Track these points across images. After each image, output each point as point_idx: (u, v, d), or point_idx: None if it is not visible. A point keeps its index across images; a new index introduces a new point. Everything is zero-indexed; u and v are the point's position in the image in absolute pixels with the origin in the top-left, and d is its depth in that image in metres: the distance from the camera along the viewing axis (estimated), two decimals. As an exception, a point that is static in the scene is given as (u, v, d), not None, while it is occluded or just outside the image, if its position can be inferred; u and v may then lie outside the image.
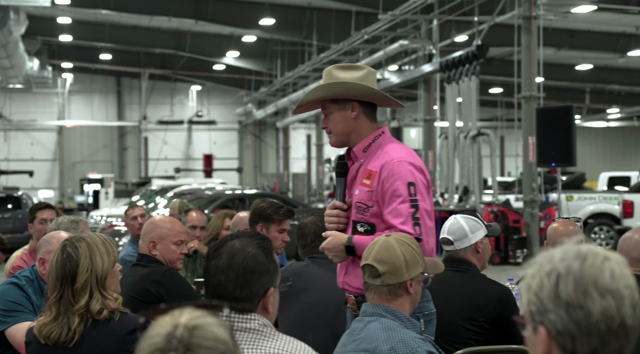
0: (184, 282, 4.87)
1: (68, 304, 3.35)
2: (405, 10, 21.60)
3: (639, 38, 28.85)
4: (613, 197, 20.03)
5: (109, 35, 32.30)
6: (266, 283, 2.71)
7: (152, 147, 44.05)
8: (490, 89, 37.72)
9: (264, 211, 5.51)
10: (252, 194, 20.50)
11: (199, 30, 32.47)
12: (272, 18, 27.79)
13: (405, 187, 3.75)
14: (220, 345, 1.60)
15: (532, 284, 1.70)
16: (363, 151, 3.95)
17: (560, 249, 1.71)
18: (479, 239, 4.43)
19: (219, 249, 2.75)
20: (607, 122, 44.45)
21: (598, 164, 44.73)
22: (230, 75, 39.77)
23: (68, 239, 3.47)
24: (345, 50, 27.26)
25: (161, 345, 1.58)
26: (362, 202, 3.87)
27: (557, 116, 12.45)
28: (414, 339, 3.04)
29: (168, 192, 23.35)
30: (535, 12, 17.52)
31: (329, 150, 39.27)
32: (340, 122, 3.94)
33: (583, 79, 36.63)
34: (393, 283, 3.14)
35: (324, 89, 3.90)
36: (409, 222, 3.70)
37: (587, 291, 1.63)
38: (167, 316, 1.64)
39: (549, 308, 1.66)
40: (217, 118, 44.89)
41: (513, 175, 36.46)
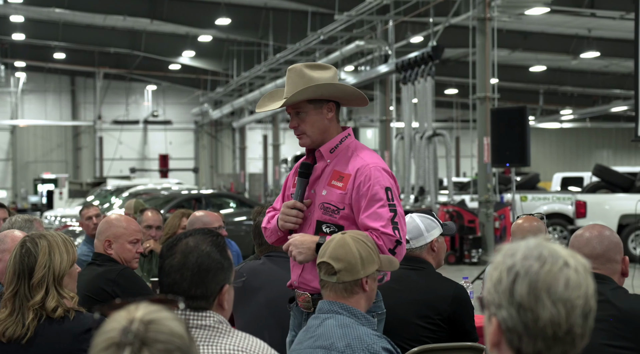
0: (140, 281, 4.86)
1: (23, 299, 3.34)
2: (361, 11, 21.68)
3: (591, 40, 29.23)
4: (566, 197, 20.23)
5: (63, 34, 32.02)
6: (221, 280, 2.71)
7: (107, 147, 43.72)
8: (446, 90, 37.99)
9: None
10: (208, 194, 20.46)
11: (154, 30, 32.31)
12: (228, 18, 27.73)
13: (383, 191, 3.79)
14: (176, 339, 1.61)
15: (493, 275, 1.73)
16: (330, 151, 3.97)
17: (525, 245, 1.74)
18: (435, 238, 4.48)
19: (172, 248, 2.74)
20: (561, 124, 44.94)
21: (551, 165, 45.22)
22: (186, 75, 39.61)
23: (29, 235, 3.48)
24: (302, 51, 27.28)
25: (117, 339, 1.58)
26: (331, 204, 3.88)
27: (511, 116, 12.56)
28: (370, 336, 3.07)
29: (123, 193, 23.20)
30: (490, 13, 17.68)
31: (286, 150, 39.27)
32: (316, 122, 3.96)
33: (537, 81, 37.01)
34: (349, 280, 3.16)
35: (313, 90, 3.89)
36: (389, 225, 3.73)
37: (539, 296, 1.67)
38: (123, 311, 1.64)
39: (502, 304, 1.69)
40: (172, 118, 44.67)
41: (468, 175, 36.72)
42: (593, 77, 35.97)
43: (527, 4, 20.92)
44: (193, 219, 6.13)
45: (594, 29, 27.94)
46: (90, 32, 33.14)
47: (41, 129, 43.02)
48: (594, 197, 19.68)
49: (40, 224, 5.56)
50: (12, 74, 40.99)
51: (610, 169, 21.68)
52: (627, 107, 37.72)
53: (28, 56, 37.92)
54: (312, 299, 3.85)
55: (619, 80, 36.20)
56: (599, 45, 29.65)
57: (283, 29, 28.17)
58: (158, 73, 39.81)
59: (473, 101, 18.18)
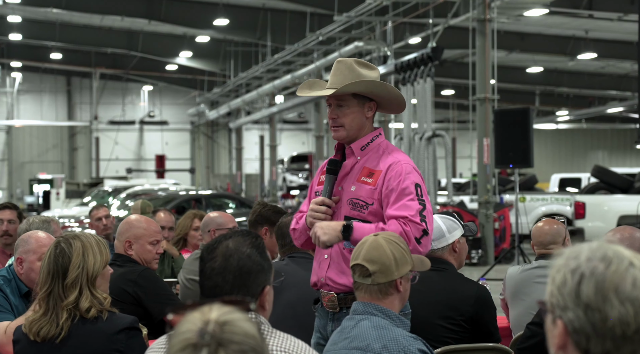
0: (161, 281, 4.88)
1: (57, 299, 3.37)
2: (360, 12, 21.71)
3: (588, 41, 29.31)
4: (565, 198, 20.27)
5: (60, 34, 31.97)
6: (262, 281, 2.74)
7: (103, 148, 43.67)
8: (443, 91, 38.03)
9: (266, 214, 5.53)
10: (207, 194, 20.45)
11: (151, 30, 32.30)
12: (226, 18, 27.73)
13: (413, 187, 3.84)
14: (249, 340, 1.63)
15: (556, 277, 1.74)
16: (361, 149, 4.01)
17: (588, 247, 1.75)
18: (456, 239, 4.51)
19: (213, 251, 2.75)
20: (556, 125, 45.03)
21: (547, 166, 45.29)
22: (182, 76, 39.61)
23: (63, 236, 3.50)
24: (300, 52, 27.31)
25: (194, 341, 1.60)
26: (360, 199, 3.92)
27: (515, 118, 12.62)
28: (406, 338, 3.09)
29: (121, 193, 23.18)
30: (490, 14, 17.71)
31: (282, 151, 39.30)
32: (356, 117, 3.99)
33: (533, 82, 37.09)
34: (383, 282, 3.18)
35: (365, 85, 3.94)
36: (417, 216, 3.77)
37: (607, 296, 1.67)
38: (196, 312, 1.66)
39: (568, 305, 1.71)
40: (169, 118, 44.65)
41: (465, 176, 36.75)
42: (589, 79, 36.06)
43: (527, 5, 20.98)
44: (207, 220, 6.14)
45: (591, 31, 28.01)
46: (87, 33, 33.11)
47: (37, 129, 42.97)
48: (592, 198, 19.72)
49: (57, 225, 5.58)
50: (8, 74, 40.96)
51: (609, 170, 21.74)
52: (623, 109, 37.84)
53: (24, 56, 37.89)
54: (338, 299, 3.88)
55: (615, 81, 36.31)
56: (596, 46, 29.74)
57: (281, 29, 28.19)
58: (155, 73, 39.80)
59: (473, 102, 18.21)
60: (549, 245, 4.93)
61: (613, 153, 48.64)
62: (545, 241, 4.94)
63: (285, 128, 44.62)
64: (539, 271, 4.89)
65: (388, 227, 3.74)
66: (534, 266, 4.94)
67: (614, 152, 48.76)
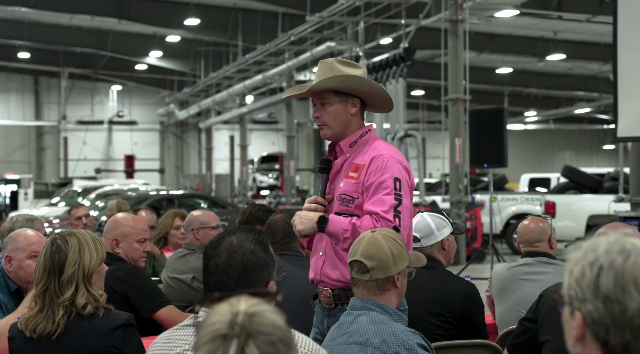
0: (148, 279, 4.88)
1: (54, 295, 3.37)
2: (333, 12, 21.74)
3: (557, 42, 29.54)
4: (535, 198, 20.43)
5: (28, 33, 31.71)
6: (266, 277, 2.76)
7: (71, 148, 43.37)
8: (412, 91, 38.16)
9: (257, 214, 5.55)
10: (179, 194, 20.37)
11: (121, 30, 32.13)
12: (196, 18, 27.66)
13: (392, 181, 3.84)
14: (277, 331, 1.65)
15: (574, 270, 1.77)
16: (350, 146, 4.03)
17: (606, 240, 1.78)
18: (445, 237, 4.54)
19: (217, 248, 2.77)
20: (525, 125, 45.34)
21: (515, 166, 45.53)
22: (152, 76, 39.42)
23: (59, 233, 3.49)
24: (271, 52, 27.30)
25: (224, 332, 1.62)
26: (347, 194, 3.94)
27: (489, 118, 12.71)
28: (405, 332, 3.12)
29: (91, 194, 23.05)
30: (462, 15, 17.81)
31: (252, 151, 39.24)
32: (339, 114, 4.01)
33: (502, 83, 37.33)
34: (381, 278, 3.21)
35: (340, 80, 3.95)
36: (390, 212, 3.78)
37: (626, 287, 1.70)
38: (224, 304, 1.68)
39: (587, 297, 1.73)
40: (138, 118, 44.45)
41: (434, 177, 36.91)
42: (557, 79, 36.35)
43: (498, 6, 21.12)
44: (191, 219, 6.14)
45: (560, 32, 28.25)
46: (56, 32, 32.88)
47: (4, 129, 42.59)
48: (562, 198, 19.89)
49: (41, 224, 5.56)
50: (-25, 74, 40.61)
51: (579, 170, 21.95)
52: (590, 109, 38.19)
53: (-9, 56, 37.59)
54: (334, 295, 3.91)
55: (583, 82, 36.63)
56: (565, 47, 29.99)
57: (252, 29, 28.16)
58: (124, 73, 39.59)
59: (445, 103, 18.30)
60: (534, 243, 4.99)
61: (580, 153, 49.07)
62: (531, 238, 4.99)
63: (255, 128, 44.58)
64: (525, 268, 4.95)
65: (361, 223, 3.77)
66: (520, 264, 4.99)
67: (580, 152, 49.19)
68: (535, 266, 4.92)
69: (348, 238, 3.76)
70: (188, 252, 5.95)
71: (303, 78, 29.84)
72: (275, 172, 38.45)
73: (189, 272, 5.80)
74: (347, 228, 3.79)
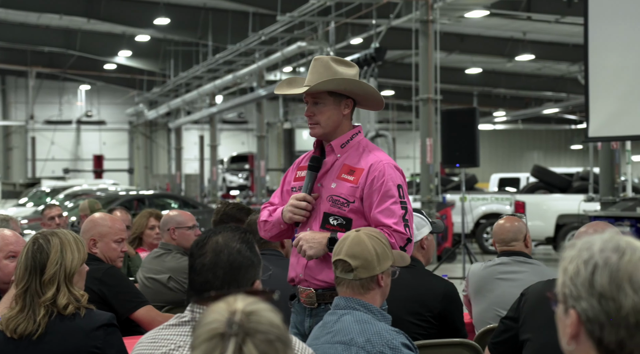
0: (126, 279, 4.85)
1: (35, 295, 3.35)
2: (303, 12, 21.74)
3: (526, 43, 29.73)
4: (505, 198, 20.57)
5: (-5, 32, 31.46)
6: (252, 276, 2.75)
7: (39, 148, 43.01)
8: (382, 91, 38.24)
9: (231, 212, 5.54)
10: (150, 194, 20.27)
11: (90, 29, 31.90)
12: (166, 18, 27.54)
13: (396, 188, 3.89)
14: (275, 329, 1.65)
15: (568, 268, 1.78)
16: (341, 146, 4.03)
17: (600, 238, 1.79)
18: (424, 236, 4.56)
19: (203, 247, 2.76)
20: (494, 125, 45.58)
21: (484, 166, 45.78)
22: (121, 75, 39.17)
23: (40, 233, 3.47)
24: (242, 51, 27.24)
25: (221, 330, 1.62)
26: (341, 196, 3.94)
27: (462, 118, 12.78)
28: (389, 332, 3.12)
29: (59, 194, 22.88)
30: (433, 16, 17.88)
31: (222, 151, 39.12)
32: (332, 115, 4.01)
33: (472, 83, 37.51)
34: (365, 277, 3.21)
35: (338, 82, 3.95)
36: (401, 223, 3.83)
37: (621, 285, 1.71)
38: (221, 303, 1.68)
39: (582, 295, 1.74)
40: (107, 118, 44.17)
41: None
42: (526, 80, 36.58)
43: (468, 6, 21.22)
44: (167, 219, 6.11)
45: (529, 32, 28.43)
46: (24, 31, 32.55)
47: (-30, 129, 42.24)
48: (532, 198, 20.03)
49: (16, 223, 5.52)
50: (-59, 73, 40.17)
51: (548, 170, 22.12)
52: (559, 110, 38.46)
53: (-43, 54, 37.18)
54: (317, 295, 3.91)
55: (551, 83, 36.88)
56: (534, 48, 30.18)
57: (223, 29, 28.08)
58: (92, 73, 39.31)
59: (416, 103, 18.35)
60: (510, 242, 5.02)
61: (548, 153, 49.41)
62: (507, 238, 5.02)
63: (225, 128, 44.46)
64: (502, 268, 4.97)
65: None
66: (496, 263, 5.02)
67: (549, 152, 49.53)
68: (512, 266, 4.94)
69: None
70: (164, 252, 5.93)
71: (273, 78, 29.80)
72: (245, 172, 38.39)
73: (165, 272, 5.78)
74: None
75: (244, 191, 36.10)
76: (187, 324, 2.70)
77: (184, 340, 2.69)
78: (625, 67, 10.76)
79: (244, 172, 38.47)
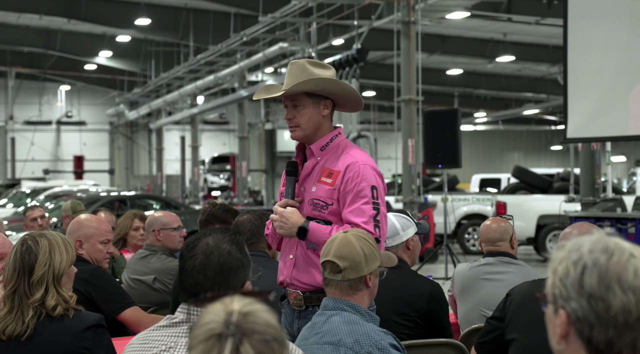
0: (112, 280, 4.85)
1: (23, 296, 3.36)
2: (285, 13, 21.76)
3: (506, 44, 29.87)
4: (486, 198, 20.65)
5: (-26, 32, 31.29)
6: (242, 277, 2.77)
7: (19, 148, 42.76)
8: (364, 92, 38.29)
9: (217, 213, 5.54)
10: (131, 195, 20.22)
11: (70, 29, 31.79)
12: (147, 18, 27.48)
13: (369, 189, 3.88)
14: (271, 330, 1.67)
15: (558, 269, 1.81)
16: (321, 149, 4.04)
17: (589, 239, 1.82)
18: (410, 237, 4.59)
19: (193, 249, 2.78)
20: (474, 126, 45.75)
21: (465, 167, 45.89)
22: (102, 76, 39.04)
23: (29, 234, 3.48)
24: (223, 52, 27.23)
25: (218, 331, 1.64)
26: (320, 199, 3.96)
27: (444, 119, 12.83)
28: (377, 333, 3.15)
29: (40, 195, 22.77)
30: (414, 17, 17.93)
31: (203, 152, 39.06)
32: (312, 116, 4.02)
33: (453, 84, 37.62)
34: (354, 278, 3.23)
35: (315, 83, 3.95)
36: (370, 222, 3.83)
37: (610, 285, 1.74)
38: (217, 303, 1.70)
39: (571, 295, 1.77)
40: (87, 119, 44.00)
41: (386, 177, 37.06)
42: (507, 81, 36.74)
43: (449, 8, 21.30)
44: (152, 220, 6.11)
45: (509, 34, 28.57)
46: (3, 31, 32.39)
47: (-52, 129, 41.96)
48: (513, 198, 20.12)
49: (1, 225, 5.51)
50: None
51: (529, 171, 22.21)
52: (539, 111, 38.66)
53: None
54: (304, 297, 3.93)
55: (532, 84, 37.05)
56: (514, 49, 30.33)
57: (204, 30, 28.06)
58: (73, 73, 39.14)
59: (397, 104, 18.40)
60: (496, 242, 5.06)
61: (528, 154, 49.63)
62: (493, 238, 5.06)
63: (206, 129, 44.40)
64: (487, 268, 5.01)
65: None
66: (482, 263, 5.05)
67: (529, 153, 49.75)
68: (497, 266, 4.98)
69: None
70: (149, 253, 5.93)
71: (255, 79, 29.81)
72: (227, 173, 38.37)
73: (151, 273, 5.79)
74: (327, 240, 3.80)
75: (226, 192, 36.08)
76: (178, 325, 2.72)
77: (175, 341, 2.71)
78: (604, 68, 10.84)
79: (226, 173, 38.45)
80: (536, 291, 1.96)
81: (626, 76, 10.62)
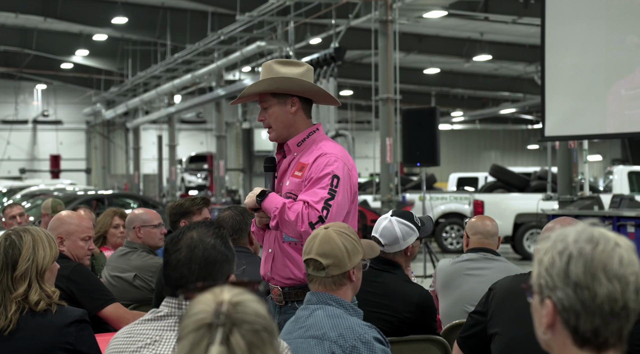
0: (94, 277, 4.85)
1: (6, 291, 3.37)
2: (263, 12, 21.75)
3: (483, 43, 29.99)
4: (464, 197, 20.72)
5: (-51, 31, 31.05)
6: (227, 270, 2.78)
7: (-6, 148, 42.52)
8: (341, 91, 38.33)
9: (181, 207, 5.56)
10: (109, 194, 20.12)
11: (46, 28, 31.62)
12: (124, 17, 27.38)
13: (329, 178, 3.90)
14: (261, 320, 1.68)
15: (544, 259, 1.83)
16: (297, 145, 4.07)
17: (574, 230, 1.84)
18: (410, 244, 4.57)
19: (177, 243, 2.78)
20: (452, 125, 45.88)
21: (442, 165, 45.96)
22: (78, 75, 38.83)
23: (13, 229, 3.48)
24: (200, 51, 27.18)
25: (208, 321, 1.64)
26: (292, 192, 3.99)
27: (422, 117, 12.86)
28: (361, 326, 3.16)
29: (17, 194, 22.63)
30: (392, 16, 17.98)
31: (180, 151, 38.96)
32: (280, 116, 4.04)
33: (430, 83, 37.73)
34: (337, 274, 3.24)
35: (267, 83, 3.98)
36: (320, 203, 3.84)
37: (595, 274, 1.76)
38: (207, 294, 1.70)
39: (557, 285, 1.79)
40: (63, 118, 43.77)
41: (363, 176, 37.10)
42: (484, 80, 36.89)
43: (426, 7, 21.37)
44: (132, 217, 6.10)
45: (486, 33, 28.69)
46: (-22, 30, 32.23)
47: None
48: (490, 197, 20.17)
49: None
50: None
51: (507, 170, 22.29)
52: (515, 110, 38.84)
53: None
54: (284, 293, 3.95)
55: (508, 83, 37.22)
56: (491, 48, 30.45)
57: (181, 28, 27.99)
58: (49, 72, 38.91)
59: (375, 103, 18.44)
60: (493, 236, 5.11)
61: (505, 153, 49.83)
62: (491, 231, 5.12)
63: (184, 128, 44.29)
64: (470, 264, 5.03)
65: (292, 205, 3.85)
66: (464, 259, 5.08)
67: (506, 152, 49.96)
68: (480, 262, 5.01)
69: (276, 216, 3.85)
70: (130, 250, 5.92)
71: (232, 78, 29.76)
72: (204, 172, 38.30)
73: (131, 270, 5.79)
74: (278, 206, 3.86)
75: (203, 191, 36.01)
76: (163, 319, 2.73)
77: (160, 334, 2.71)
78: (581, 66, 10.91)
79: (203, 172, 38.38)
80: (519, 286, 1.97)
81: (603, 75, 10.69)
